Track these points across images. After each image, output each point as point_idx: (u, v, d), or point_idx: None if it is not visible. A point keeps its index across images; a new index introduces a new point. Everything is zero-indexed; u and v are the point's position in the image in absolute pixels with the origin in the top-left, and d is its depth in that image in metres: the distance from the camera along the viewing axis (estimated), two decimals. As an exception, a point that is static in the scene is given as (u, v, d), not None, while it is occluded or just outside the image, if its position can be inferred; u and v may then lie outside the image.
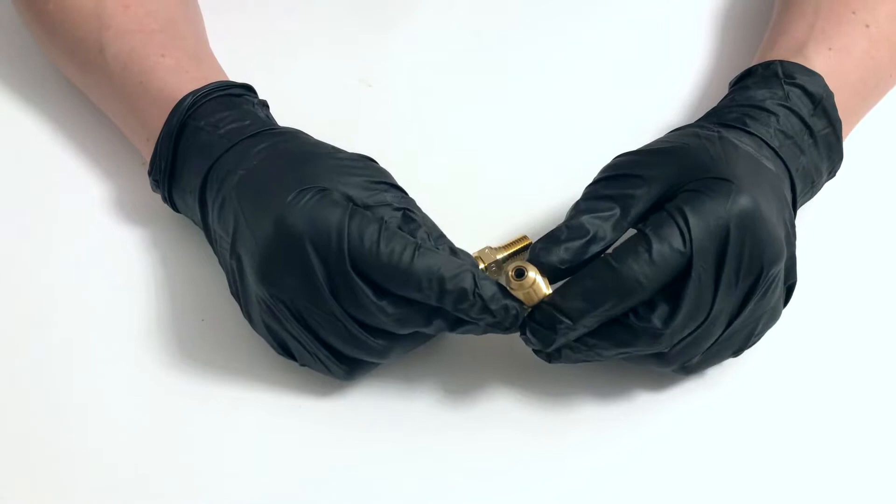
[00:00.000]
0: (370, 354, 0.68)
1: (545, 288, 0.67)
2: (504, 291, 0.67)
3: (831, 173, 0.76)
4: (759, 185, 0.67)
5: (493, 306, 0.66)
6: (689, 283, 0.65)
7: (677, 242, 0.65)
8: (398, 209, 0.68)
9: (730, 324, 0.67)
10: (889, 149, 0.82)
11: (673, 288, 0.65)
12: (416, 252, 0.65)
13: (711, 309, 0.66)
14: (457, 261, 0.66)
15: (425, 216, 0.70)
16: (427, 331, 0.68)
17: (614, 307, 0.65)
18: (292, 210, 0.66)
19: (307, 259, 0.65)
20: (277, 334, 0.69)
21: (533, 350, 0.68)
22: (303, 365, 0.70)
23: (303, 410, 0.71)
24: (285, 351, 0.70)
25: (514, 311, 0.67)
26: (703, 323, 0.66)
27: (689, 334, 0.66)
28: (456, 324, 0.67)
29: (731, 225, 0.65)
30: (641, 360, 0.69)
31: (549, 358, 0.68)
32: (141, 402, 0.71)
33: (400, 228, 0.68)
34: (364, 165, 0.70)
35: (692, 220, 0.65)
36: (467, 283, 0.66)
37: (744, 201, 0.65)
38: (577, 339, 0.66)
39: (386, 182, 0.69)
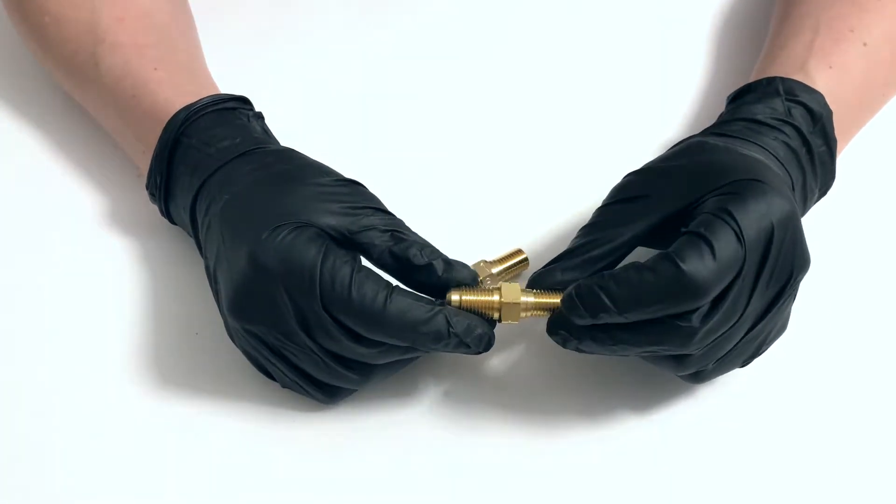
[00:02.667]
0: (348, 384, 0.68)
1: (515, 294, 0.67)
2: (474, 320, 0.66)
3: (822, 192, 0.76)
4: (785, 189, 0.66)
5: (466, 339, 0.66)
6: (737, 282, 0.64)
7: (734, 243, 0.64)
8: (386, 231, 0.68)
9: (750, 329, 0.66)
10: (882, 162, 0.82)
11: None
12: (389, 298, 0.65)
13: (744, 310, 0.65)
14: (427, 302, 0.66)
15: (415, 234, 0.69)
16: (404, 358, 0.68)
17: (668, 308, 0.63)
18: (266, 248, 0.65)
19: (280, 298, 0.65)
20: (256, 359, 0.69)
21: (547, 332, 0.67)
22: (284, 387, 0.70)
23: (297, 425, 0.70)
24: (266, 373, 0.70)
25: (485, 339, 0.67)
26: (732, 326, 0.65)
27: (717, 337, 0.65)
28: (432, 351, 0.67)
29: (774, 224, 0.64)
30: (657, 361, 0.67)
31: (564, 342, 0.67)
32: (134, 415, 0.71)
33: (391, 250, 0.67)
34: (350, 191, 0.69)
35: (741, 220, 0.64)
36: (441, 326, 0.65)
37: (782, 202, 0.65)
38: (605, 332, 0.65)
39: (371, 206, 0.69)
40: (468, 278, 0.68)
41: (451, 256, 0.70)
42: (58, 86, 0.84)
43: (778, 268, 0.65)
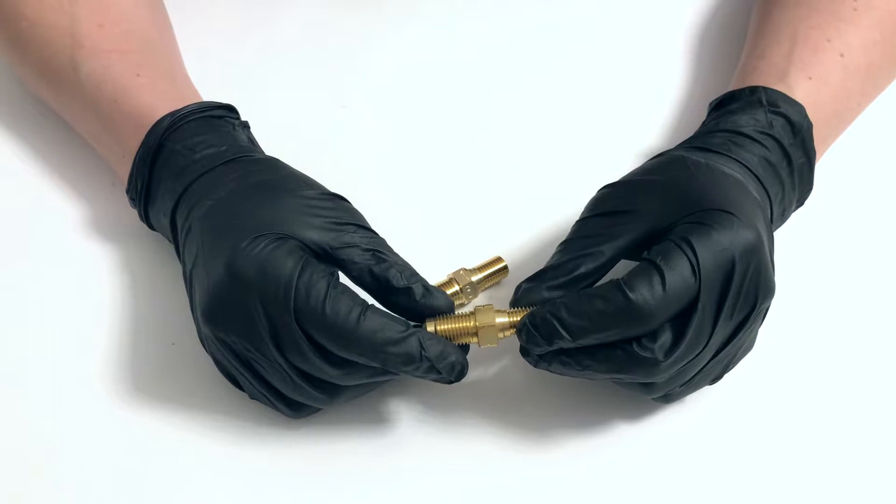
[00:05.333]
0: (313, 402, 0.68)
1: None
2: (448, 346, 0.66)
3: (800, 202, 0.76)
4: (755, 218, 0.67)
5: (439, 365, 0.66)
6: (695, 314, 0.64)
7: (687, 274, 0.64)
8: (367, 249, 0.68)
9: (716, 354, 0.67)
10: (854, 176, 0.82)
11: (676, 318, 0.65)
12: (362, 316, 0.64)
13: (709, 341, 0.65)
14: (402, 323, 0.66)
15: (396, 255, 0.69)
16: (372, 381, 0.67)
17: (620, 334, 0.65)
18: (244, 257, 0.65)
19: (253, 308, 0.65)
20: (225, 368, 0.69)
21: (521, 353, 0.68)
22: (251, 397, 0.69)
23: (273, 436, 0.70)
24: (234, 382, 0.69)
25: (458, 367, 0.67)
26: (697, 354, 0.66)
27: (683, 365, 0.66)
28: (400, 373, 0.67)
29: (735, 258, 0.65)
30: (626, 385, 0.68)
31: (536, 363, 0.67)
32: (108, 426, 0.70)
33: (371, 269, 0.67)
34: (333, 206, 0.69)
35: (700, 252, 0.65)
36: (413, 348, 0.65)
37: (747, 235, 0.65)
38: (572, 357, 0.66)
39: (354, 223, 0.69)
40: (445, 306, 0.68)
41: (430, 263, 0.70)
42: (33, 93, 0.84)
43: (742, 298, 0.65)
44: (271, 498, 0.68)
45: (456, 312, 0.68)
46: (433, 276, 0.72)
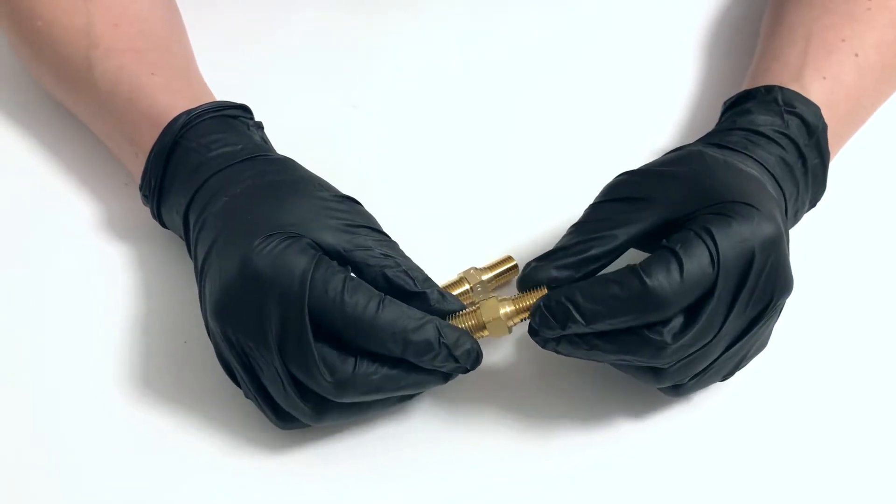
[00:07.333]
0: (299, 414, 0.67)
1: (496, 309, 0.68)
2: (463, 334, 0.67)
3: (812, 203, 0.76)
4: (775, 213, 0.67)
5: (456, 352, 0.66)
6: (710, 303, 0.64)
7: (706, 262, 0.64)
8: (380, 252, 0.68)
9: (728, 348, 0.67)
10: (867, 178, 0.82)
11: (690, 307, 0.65)
12: (381, 304, 0.65)
13: (719, 331, 0.65)
14: (419, 312, 0.66)
15: (409, 259, 0.69)
16: (363, 399, 0.67)
17: (634, 320, 0.65)
18: (257, 255, 0.65)
19: (264, 304, 0.65)
20: (226, 362, 0.69)
21: (529, 333, 0.68)
22: (246, 397, 0.69)
23: (284, 434, 0.70)
24: (233, 377, 0.69)
25: (474, 354, 0.67)
26: (707, 343, 0.66)
27: (692, 353, 0.66)
28: (401, 395, 0.67)
29: (755, 250, 0.65)
30: (634, 372, 0.68)
31: (544, 343, 0.67)
32: (120, 424, 0.71)
33: (385, 273, 0.67)
34: (347, 208, 0.69)
35: (720, 242, 0.64)
36: (431, 335, 0.66)
37: (768, 228, 0.65)
38: (581, 337, 0.66)
39: (368, 226, 0.69)
40: (458, 311, 0.69)
41: (441, 262, 0.70)
42: (47, 93, 0.84)
43: (758, 291, 0.65)
44: (280, 496, 0.68)
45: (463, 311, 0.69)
46: (444, 275, 0.72)
